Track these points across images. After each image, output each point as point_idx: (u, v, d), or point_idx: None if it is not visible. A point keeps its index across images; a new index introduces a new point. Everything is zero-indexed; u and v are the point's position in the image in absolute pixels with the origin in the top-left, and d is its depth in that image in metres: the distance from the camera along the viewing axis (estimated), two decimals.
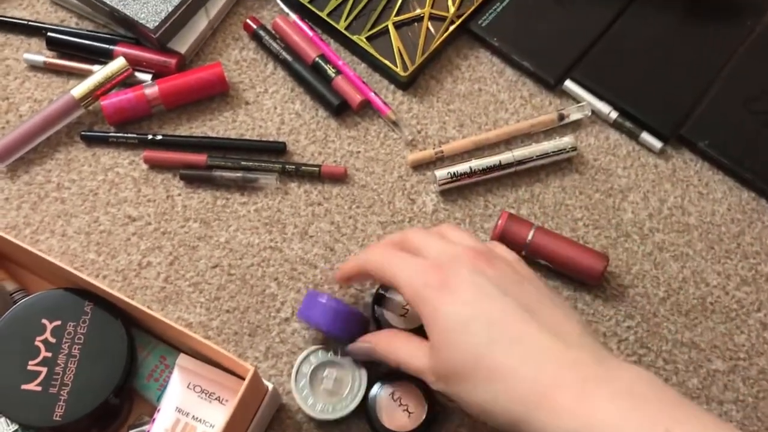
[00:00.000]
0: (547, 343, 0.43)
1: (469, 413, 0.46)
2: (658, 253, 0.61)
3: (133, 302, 0.50)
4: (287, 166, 0.63)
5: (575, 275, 0.58)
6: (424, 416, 0.53)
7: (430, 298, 0.45)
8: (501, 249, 0.51)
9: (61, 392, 0.50)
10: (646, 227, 0.62)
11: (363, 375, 0.54)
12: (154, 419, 0.50)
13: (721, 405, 0.56)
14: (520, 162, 0.62)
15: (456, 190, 0.63)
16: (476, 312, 0.44)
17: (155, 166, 0.64)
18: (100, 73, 0.65)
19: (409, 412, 0.53)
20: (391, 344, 0.50)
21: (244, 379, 0.47)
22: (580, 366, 0.42)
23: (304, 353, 0.55)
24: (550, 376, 0.41)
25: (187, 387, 0.51)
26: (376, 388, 0.54)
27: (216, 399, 0.51)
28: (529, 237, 0.58)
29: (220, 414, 0.50)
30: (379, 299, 0.57)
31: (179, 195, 0.63)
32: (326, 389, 0.54)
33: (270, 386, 0.51)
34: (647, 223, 0.62)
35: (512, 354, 0.42)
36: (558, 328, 0.44)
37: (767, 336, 0.58)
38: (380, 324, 0.56)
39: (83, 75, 0.66)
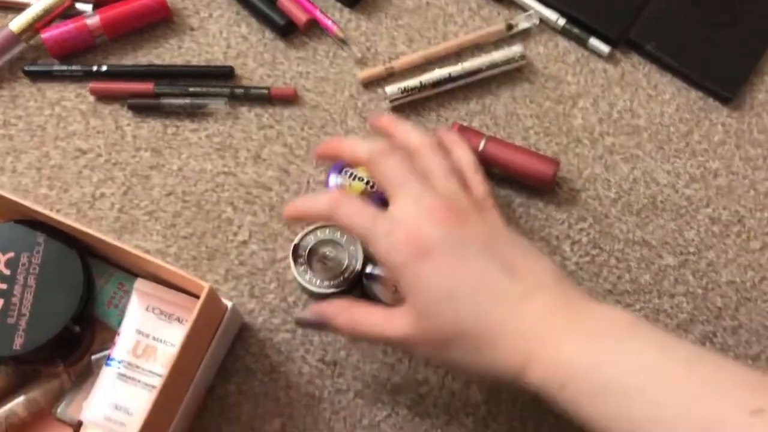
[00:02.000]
0: (530, 297, 0.43)
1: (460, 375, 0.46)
2: (609, 156, 0.61)
3: (86, 229, 0.49)
4: (236, 90, 0.62)
5: (527, 181, 0.59)
6: None
7: (407, 271, 0.44)
8: (461, 152, 0.51)
9: (19, 322, 0.50)
10: (597, 132, 0.62)
11: (359, 252, 0.56)
12: (115, 343, 0.50)
13: (672, 298, 0.57)
14: (470, 73, 0.62)
15: (408, 106, 0.63)
16: (458, 279, 0.43)
17: (102, 97, 0.63)
18: (38, 5, 0.63)
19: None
20: (354, 316, 0.47)
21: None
22: (555, 315, 0.43)
23: (305, 231, 0.57)
24: (531, 330, 0.42)
25: (146, 309, 0.51)
26: (370, 268, 0.56)
27: (176, 319, 0.51)
28: (481, 147, 0.58)
29: (180, 334, 0.51)
30: (368, 275, 0.56)
31: (128, 125, 0.62)
32: (323, 266, 0.56)
33: (229, 304, 0.52)
34: (597, 128, 0.62)
35: (497, 316, 0.43)
36: (535, 277, 0.44)
37: (715, 230, 0.59)
38: (369, 299, 0.56)
39: (20, 8, 0.64)
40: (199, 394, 0.53)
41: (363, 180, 0.58)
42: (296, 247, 0.56)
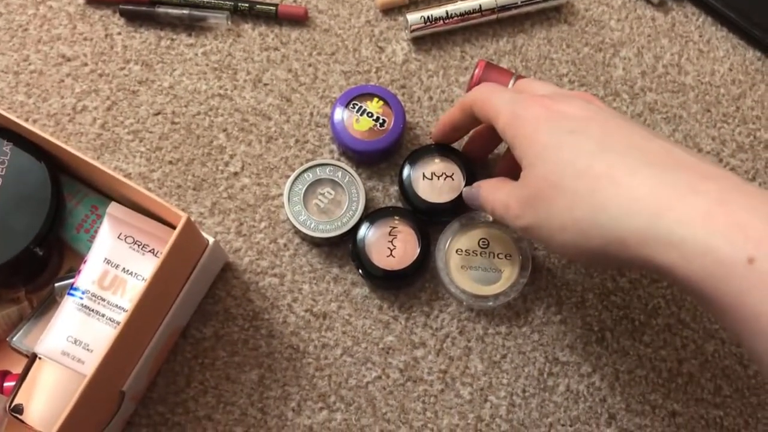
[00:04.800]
0: (679, 153, 0.36)
1: (556, 248, 0.37)
2: (649, 114, 0.55)
3: (59, 142, 0.44)
4: (240, 5, 0.56)
5: None
6: (415, 257, 0.49)
7: (530, 118, 0.38)
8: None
9: None
10: (638, 86, 0.56)
11: (360, 204, 0.50)
12: (80, 271, 0.45)
13: None
14: (503, 8, 0.55)
15: (430, 38, 0.56)
16: (587, 123, 0.37)
17: (93, 0, 0.57)
18: None
19: (396, 253, 0.49)
20: (486, 181, 0.44)
21: None
22: (721, 179, 0.34)
23: (312, 163, 0.51)
24: (684, 182, 0.34)
25: (118, 237, 0.46)
26: (364, 228, 0.50)
27: (150, 251, 0.46)
28: (510, 86, 0.52)
29: (153, 267, 0.45)
30: (405, 180, 0.51)
31: (119, 34, 0.56)
32: (318, 206, 0.50)
33: (211, 240, 0.47)
34: (639, 82, 0.56)
35: (630, 157, 0.35)
36: (689, 151, 0.37)
37: None
38: (411, 206, 0.51)
39: None
40: (171, 335, 0.48)
41: (372, 116, 0.52)
42: (292, 184, 0.51)
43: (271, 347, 0.50)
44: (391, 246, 0.49)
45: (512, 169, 0.42)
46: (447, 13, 0.55)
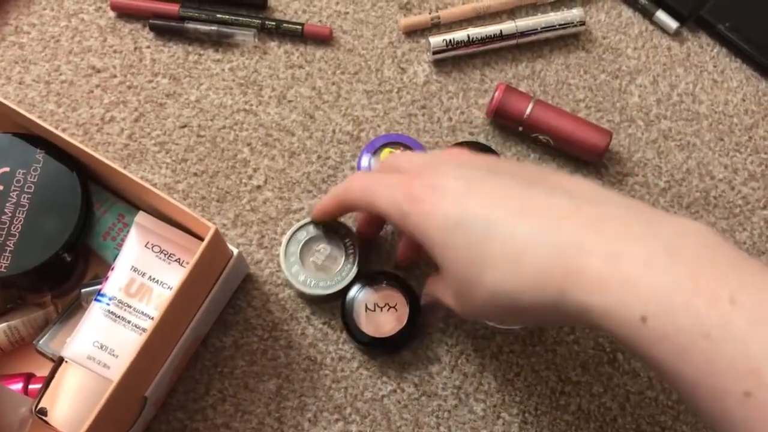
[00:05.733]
0: (561, 202, 0.35)
1: (508, 324, 0.38)
2: (663, 142, 0.56)
3: (90, 151, 0.45)
4: (267, 23, 0.57)
5: (576, 151, 0.54)
6: (404, 323, 0.49)
7: (417, 211, 0.38)
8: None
9: (8, 242, 0.46)
10: (653, 113, 0.57)
11: (357, 255, 0.50)
12: (107, 278, 0.46)
13: None
14: (523, 33, 0.57)
15: (451, 61, 0.58)
16: (468, 202, 0.37)
17: (123, 14, 0.58)
18: None
19: (389, 319, 0.50)
20: (428, 287, 0.46)
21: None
22: (606, 222, 0.34)
23: (303, 221, 0.51)
24: (571, 241, 0.34)
25: (145, 246, 0.47)
26: (355, 290, 0.50)
27: (176, 261, 0.47)
28: (528, 110, 0.53)
29: (179, 276, 0.46)
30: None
31: (148, 47, 0.58)
32: (315, 263, 0.50)
33: (235, 251, 0.48)
34: (654, 109, 0.57)
35: (519, 228, 0.35)
36: (571, 189, 0.37)
37: None
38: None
39: None
40: (193, 343, 0.49)
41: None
42: (287, 245, 0.51)
43: (289, 358, 0.51)
44: (379, 312, 0.50)
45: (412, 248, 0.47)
46: (468, 37, 0.56)
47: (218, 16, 0.57)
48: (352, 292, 0.50)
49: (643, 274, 0.32)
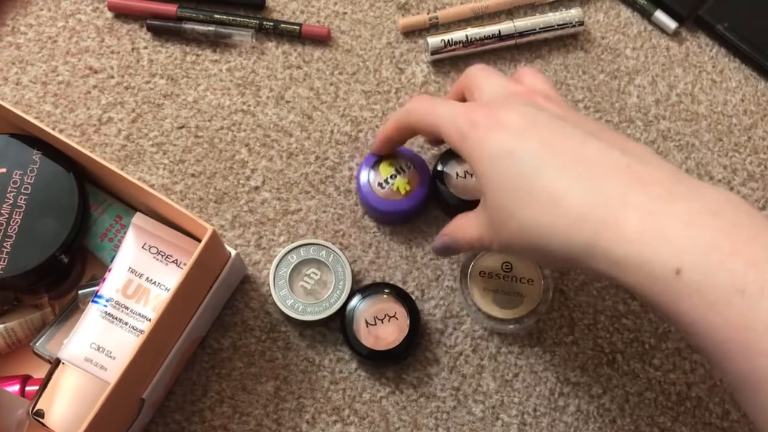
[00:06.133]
0: (613, 158, 0.36)
1: (534, 262, 0.39)
2: (662, 142, 0.56)
3: (88, 152, 0.45)
4: (265, 23, 0.57)
5: None
6: (404, 335, 0.49)
7: (474, 136, 0.39)
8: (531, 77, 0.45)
9: (4, 244, 0.46)
10: (652, 113, 0.57)
11: (347, 282, 0.50)
12: (104, 279, 0.46)
13: None
14: (522, 34, 0.57)
15: (449, 61, 0.58)
16: (525, 138, 0.37)
17: (121, 14, 0.58)
18: None
19: (383, 332, 0.49)
20: (450, 226, 0.45)
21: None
22: (652, 184, 0.35)
23: (295, 244, 0.51)
24: (615, 194, 0.35)
25: (142, 247, 0.47)
26: (355, 301, 0.50)
27: (173, 262, 0.47)
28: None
29: (176, 278, 0.46)
30: (439, 176, 0.52)
31: (145, 48, 0.57)
32: (305, 287, 0.50)
33: (233, 252, 0.48)
34: (653, 109, 0.57)
35: (567, 173, 0.36)
36: (627, 148, 0.37)
37: None
38: (442, 202, 0.52)
39: None
40: (191, 345, 0.49)
41: (403, 172, 0.52)
42: (277, 267, 0.50)
43: (287, 359, 0.51)
44: (379, 325, 0.50)
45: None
46: (467, 37, 0.56)
47: (216, 16, 0.57)
48: (352, 303, 0.50)
49: (682, 229, 0.33)
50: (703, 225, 0.33)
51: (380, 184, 0.51)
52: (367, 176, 0.51)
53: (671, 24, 0.58)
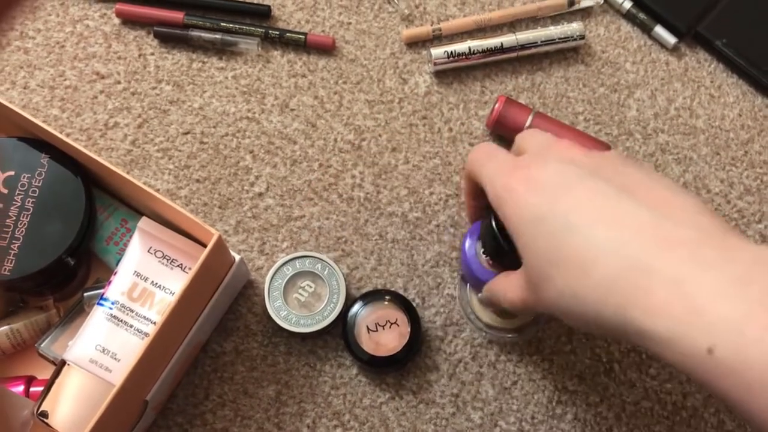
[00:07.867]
0: (644, 219, 0.34)
1: (584, 331, 0.38)
2: (661, 155, 0.57)
3: (94, 155, 0.45)
4: (271, 32, 0.58)
5: None
6: (405, 342, 0.50)
7: (510, 201, 0.38)
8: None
9: (12, 246, 0.46)
10: (650, 127, 0.58)
11: (341, 296, 0.50)
12: (110, 282, 0.47)
13: None
14: (524, 46, 0.58)
15: (452, 72, 0.59)
16: (556, 199, 0.37)
17: (128, 21, 0.59)
18: None
19: (384, 338, 0.50)
20: (492, 283, 0.44)
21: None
22: (678, 245, 0.32)
23: (290, 256, 0.51)
24: (640, 258, 0.33)
25: (148, 251, 0.47)
26: (356, 307, 0.50)
27: (178, 266, 0.47)
28: (528, 122, 0.54)
29: (181, 282, 0.47)
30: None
31: (152, 54, 0.58)
32: (299, 299, 0.51)
33: (237, 257, 0.48)
34: (652, 123, 0.58)
35: (598, 235, 0.34)
36: (663, 205, 0.35)
37: None
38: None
39: None
40: (194, 348, 0.49)
41: None
42: (272, 279, 0.51)
43: (288, 364, 0.51)
44: (380, 331, 0.50)
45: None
46: (469, 49, 0.57)
47: (222, 24, 0.58)
48: (354, 309, 0.50)
49: (711, 302, 0.30)
50: (735, 296, 0.30)
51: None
52: (471, 246, 0.48)
53: (671, 39, 0.59)
